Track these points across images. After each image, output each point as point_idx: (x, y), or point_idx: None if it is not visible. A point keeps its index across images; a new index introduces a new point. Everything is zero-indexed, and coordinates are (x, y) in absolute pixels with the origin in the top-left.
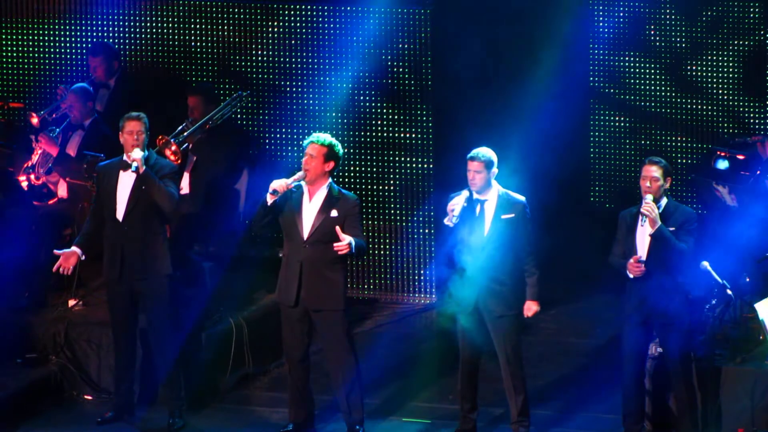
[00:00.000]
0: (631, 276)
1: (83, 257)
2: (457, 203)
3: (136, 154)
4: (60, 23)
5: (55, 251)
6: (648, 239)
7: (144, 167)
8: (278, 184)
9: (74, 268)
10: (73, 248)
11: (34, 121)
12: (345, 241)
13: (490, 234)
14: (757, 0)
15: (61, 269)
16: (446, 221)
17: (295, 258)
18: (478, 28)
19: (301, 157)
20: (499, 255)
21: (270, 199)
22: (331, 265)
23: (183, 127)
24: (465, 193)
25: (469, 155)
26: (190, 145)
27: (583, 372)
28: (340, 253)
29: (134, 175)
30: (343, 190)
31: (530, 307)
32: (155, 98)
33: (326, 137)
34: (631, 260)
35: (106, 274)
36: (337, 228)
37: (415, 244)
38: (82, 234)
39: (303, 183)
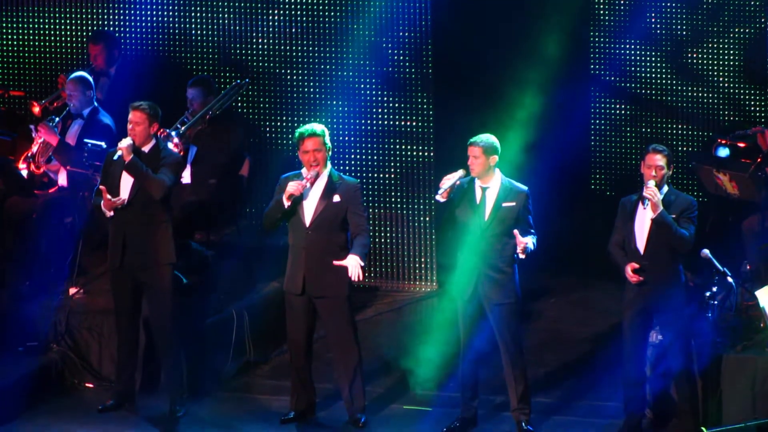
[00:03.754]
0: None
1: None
2: (449, 178)
3: (123, 143)
4: (61, 11)
5: (102, 186)
6: (648, 225)
7: (131, 156)
8: (294, 188)
9: (75, 255)
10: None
11: (36, 110)
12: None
13: (490, 221)
14: None
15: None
16: (437, 197)
17: (299, 245)
18: (478, 16)
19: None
20: (499, 243)
21: (287, 204)
22: (334, 251)
23: (182, 119)
24: (461, 172)
25: (469, 140)
26: (191, 137)
27: (584, 360)
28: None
29: None
30: (343, 175)
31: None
32: (156, 86)
33: (317, 126)
34: (628, 268)
35: (109, 261)
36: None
37: (416, 232)
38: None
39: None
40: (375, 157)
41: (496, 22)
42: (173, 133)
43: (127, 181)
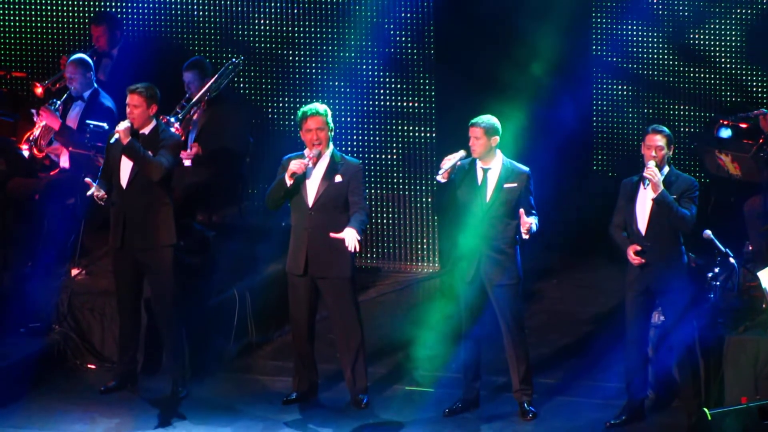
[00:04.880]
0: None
1: (104, 201)
2: (450, 159)
3: (120, 126)
4: None
5: (87, 180)
6: (649, 206)
7: (129, 138)
8: (297, 166)
9: (77, 236)
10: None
11: (38, 91)
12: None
13: (492, 202)
14: None
15: (95, 192)
16: (438, 177)
17: (302, 226)
18: None
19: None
20: (501, 224)
21: (289, 182)
22: (336, 232)
23: (182, 103)
24: (462, 153)
25: (471, 121)
26: (192, 121)
27: (587, 341)
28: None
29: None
30: (346, 156)
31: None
32: (158, 68)
33: (320, 106)
34: (630, 250)
35: (110, 242)
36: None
37: (418, 213)
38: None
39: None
40: (376, 138)
41: (499, 3)
42: (172, 119)
43: (126, 164)
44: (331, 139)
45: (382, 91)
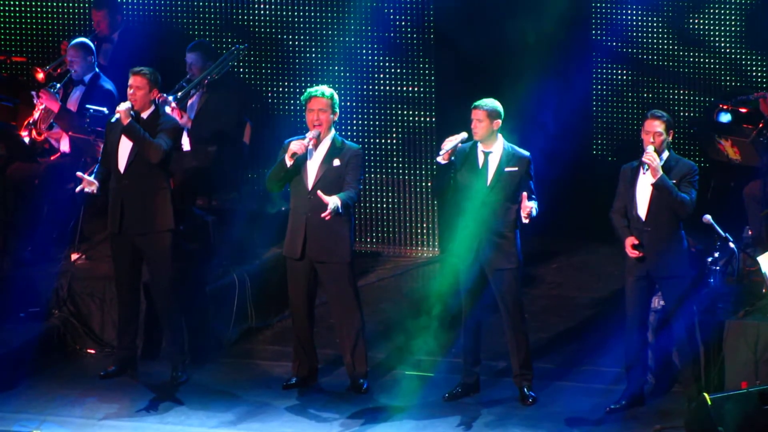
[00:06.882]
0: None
1: (97, 192)
2: (451, 140)
3: (121, 107)
4: None
5: (78, 174)
6: (649, 191)
7: (129, 119)
8: (298, 146)
9: (77, 221)
10: (93, 179)
11: (40, 76)
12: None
13: (492, 186)
14: None
15: (85, 187)
16: (438, 158)
17: (301, 210)
18: None
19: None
20: (501, 208)
21: (290, 163)
22: (336, 216)
23: (181, 84)
24: (463, 134)
25: (473, 104)
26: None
27: (586, 325)
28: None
29: None
30: (346, 141)
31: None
32: (158, 52)
33: (326, 89)
34: (627, 243)
35: (109, 227)
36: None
37: (418, 198)
38: (96, 173)
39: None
40: (376, 123)
41: None
42: (170, 98)
43: (124, 148)
44: (334, 124)
45: (381, 76)
